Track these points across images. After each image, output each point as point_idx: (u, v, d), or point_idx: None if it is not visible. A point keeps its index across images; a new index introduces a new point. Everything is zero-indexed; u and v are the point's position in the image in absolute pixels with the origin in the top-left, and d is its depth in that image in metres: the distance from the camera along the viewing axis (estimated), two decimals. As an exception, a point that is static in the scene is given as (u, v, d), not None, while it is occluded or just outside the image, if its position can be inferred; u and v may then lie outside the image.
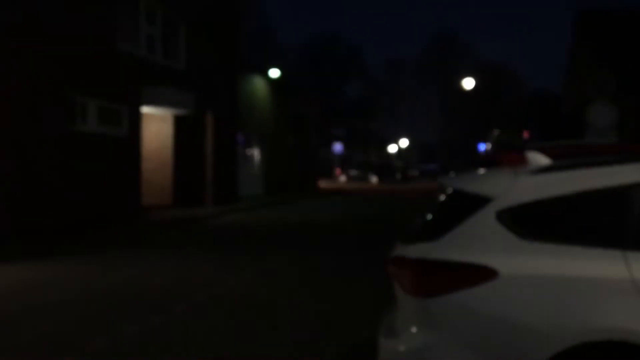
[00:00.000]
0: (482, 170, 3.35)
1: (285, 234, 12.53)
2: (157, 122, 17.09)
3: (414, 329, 2.85)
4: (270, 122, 25.09)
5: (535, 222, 2.78)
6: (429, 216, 3.22)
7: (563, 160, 3.27)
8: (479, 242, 2.78)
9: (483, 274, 2.68)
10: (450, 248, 2.81)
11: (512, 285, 2.64)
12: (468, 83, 35.75)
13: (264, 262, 8.83)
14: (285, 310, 6.01)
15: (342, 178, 50.08)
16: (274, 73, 24.36)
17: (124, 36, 14.31)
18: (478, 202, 2.87)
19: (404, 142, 70.97)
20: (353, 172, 49.26)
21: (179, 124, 17.18)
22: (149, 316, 5.69)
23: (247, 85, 22.37)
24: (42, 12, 11.47)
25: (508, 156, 3.18)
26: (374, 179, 47.92)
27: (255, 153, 24.34)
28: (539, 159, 3.21)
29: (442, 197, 3.27)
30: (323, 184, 36.95)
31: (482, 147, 48.32)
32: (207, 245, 10.94)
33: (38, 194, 11.30)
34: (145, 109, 15.27)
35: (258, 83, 23.91)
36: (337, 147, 51.54)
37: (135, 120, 14.53)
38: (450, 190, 3.22)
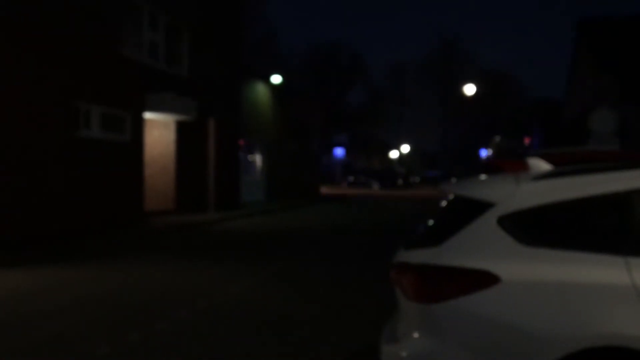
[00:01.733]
0: (483, 176, 3.37)
1: (286, 241, 12.54)
2: (159, 128, 17.13)
3: (416, 335, 2.86)
4: (272, 128, 25.14)
5: (537, 227, 2.78)
6: (431, 222, 3.24)
7: (564, 167, 3.30)
8: (481, 247, 2.79)
9: (485, 280, 2.69)
10: (453, 254, 2.82)
11: (514, 290, 2.65)
12: (469, 89, 35.80)
13: (264, 269, 8.83)
14: (287, 316, 6.02)
15: (344, 184, 50.19)
16: (276, 79, 24.44)
17: (128, 42, 14.38)
18: (480, 207, 2.88)
19: (406, 148, 71.04)
20: (351, 179, 49.05)
21: (182, 129, 17.23)
22: (152, 321, 5.70)
23: (249, 92, 22.43)
24: (46, 19, 11.55)
25: (510, 162, 3.21)
26: (375, 185, 47.90)
27: (257, 159, 24.37)
28: (541, 165, 3.23)
29: (444, 203, 3.29)
30: (325, 189, 36.94)
31: (484, 153, 48.36)
32: (209, 251, 10.95)
33: (41, 199, 11.34)
34: (148, 115, 15.32)
35: (260, 89, 23.97)
36: (339, 152, 51.55)
37: (138, 126, 14.58)
38: (452, 196, 3.24)
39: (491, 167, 6.77)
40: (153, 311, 6.17)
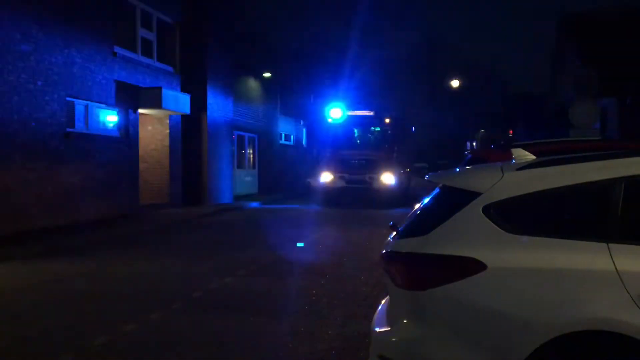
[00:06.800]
0: (469, 167, 3.47)
1: (277, 232, 12.58)
2: (153, 123, 17.15)
3: (405, 321, 2.96)
4: (264, 122, 25.11)
5: (521, 216, 2.89)
6: (419, 211, 3.32)
7: (547, 157, 3.40)
8: (467, 236, 2.89)
9: (472, 267, 2.78)
10: (440, 242, 2.92)
11: (499, 277, 2.75)
12: (454, 82, 36.01)
13: (256, 259, 8.90)
14: (280, 305, 6.17)
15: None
16: (267, 74, 24.41)
17: (121, 39, 14.50)
18: (466, 197, 2.98)
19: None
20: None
21: (175, 124, 17.29)
22: (148, 313, 5.77)
23: (241, 86, 22.38)
24: (41, 15, 11.58)
25: (495, 153, 3.31)
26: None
27: (250, 153, 24.36)
28: (524, 155, 3.33)
29: (432, 193, 3.37)
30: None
31: (468, 145, 48.57)
32: (203, 243, 11.01)
33: (36, 194, 11.35)
34: (142, 110, 15.44)
35: (252, 84, 23.93)
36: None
37: (133, 121, 14.79)
38: (439, 186, 3.32)
39: (477, 158, 6.90)
40: (148, 302, 6.23)
